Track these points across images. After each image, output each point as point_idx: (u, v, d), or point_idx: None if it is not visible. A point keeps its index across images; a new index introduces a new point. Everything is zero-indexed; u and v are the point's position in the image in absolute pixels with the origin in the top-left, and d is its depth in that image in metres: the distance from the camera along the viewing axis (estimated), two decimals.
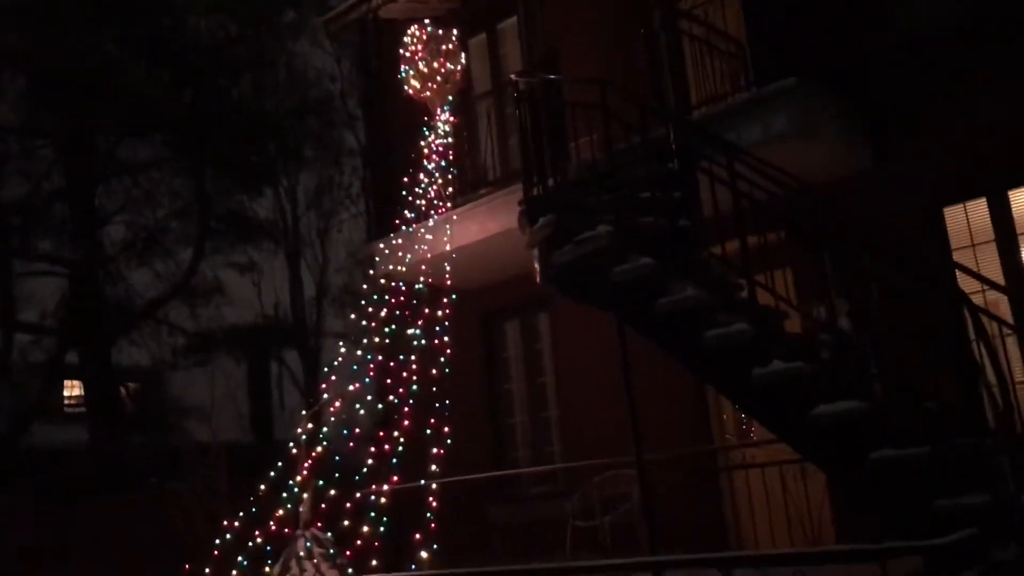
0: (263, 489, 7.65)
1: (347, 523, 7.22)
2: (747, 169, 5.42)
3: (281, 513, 7.41)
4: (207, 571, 7.17)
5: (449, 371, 8.28)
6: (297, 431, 7.98)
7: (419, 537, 7.12)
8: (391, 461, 7.58)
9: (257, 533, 7.33)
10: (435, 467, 7.52)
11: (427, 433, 7.84)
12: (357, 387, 8.06)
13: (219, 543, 7.36)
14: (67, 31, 16.82)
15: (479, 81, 10.53)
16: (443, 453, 7.68)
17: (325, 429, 7.99)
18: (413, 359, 8.14)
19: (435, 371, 8.18)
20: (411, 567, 6.97)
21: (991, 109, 6.85)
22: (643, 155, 6.20)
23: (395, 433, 7.66)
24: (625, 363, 5.62)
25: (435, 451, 7.64)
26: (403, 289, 8.89)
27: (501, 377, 10.30)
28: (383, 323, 8.48)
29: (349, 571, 6.96)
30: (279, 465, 7.81)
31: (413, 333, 8.36)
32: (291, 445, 7.98)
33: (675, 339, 5.34)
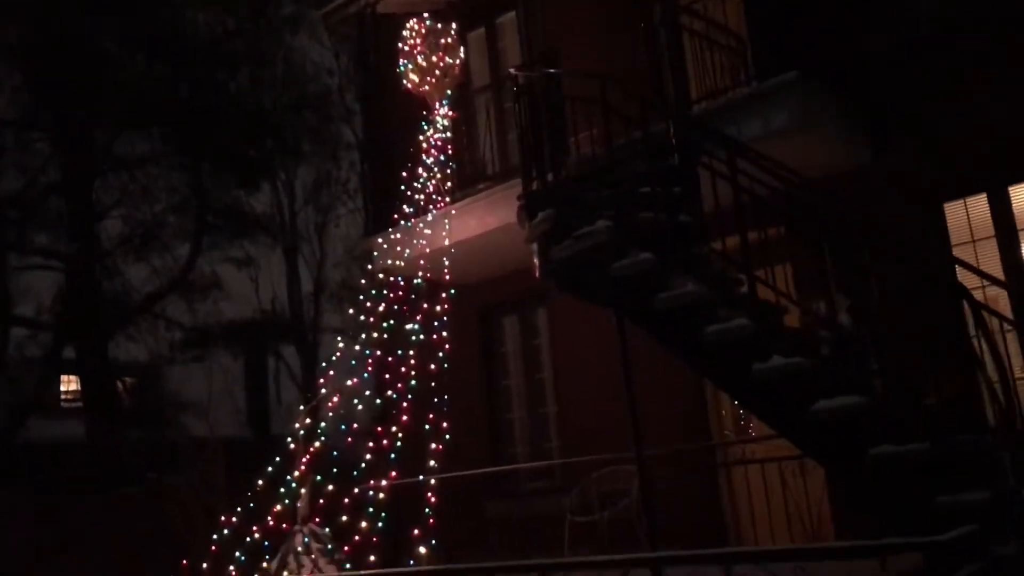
0: (261, 484, 7.63)
1: (345, 519, 7.20)
2: (747, 164, 5.40)
3: (279, 508, 7.39)
4: (205, 566, 7.15)
5: (447, 366, 8.26)
6: (295, 426, 7.95)
7: (417, 533, 7.10)
8: (389, 457, 7.56)
9: (255, 528, 7.31)
10: (433, 463, 7.50)
11: (425, 428, 7.82)
12: (355, 382, 8.04)
13: (217, 538, 7.34)
14: (64, 24, 16.75)
15: (478, 75, 10.49)
16: (441, 448, 7.66)
17: (323, 424, 7.96)
18: (411, 354, 8.12)
19: (433, 366, 8.16)
20: (409, 563, 6.95)
21: (991, 106, 6.84)
22: (643, 150, 6.16)
23: (393, 428, 7.64)
24: (625, 359, 5.60)
25: (433, 447, 7.61)
26: (401, 284, 8.86)
27: (499, 373, 10.28)
28: (381, 318, 8.45)
29: (347, 566, 6.94)
30: (277, 460, 7.79)
31: (411, 328, 8.33)
32: (289, 440, 7.96)
33: (675, 334, 5.32)
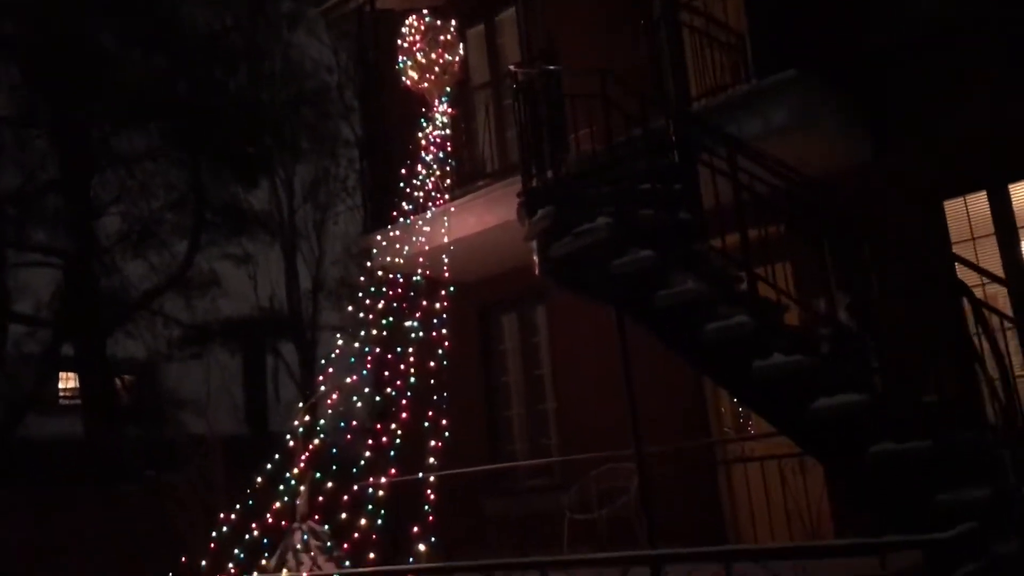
0: (259, 481, 7.62)
1: (344, 516, 7.19)
2: (748, 162, 5.39)
3: (278, 506, 7.38)
4: (203, 564, 7.14)
5: (446, 364, 8.25)
6: (294, 423, 7.94)
7: (416, 530, 7.09)
8: (388, 454, 7.55)
9: (253, 526, 7.30)
10: (432, 460, 7.49)
11: (424, 426, 7.81)
12: (354, 380, 8.03)
13: (215, 536, 7.33)
14: (63, 21, 16.71)
15: (477, 72, 10.47)
16: (440, 446, 7.65)
17: (322, 421, 7.95)
18: (410, 352, 8.11)
19: (432, 364, 8.15)
20: (408, 560, 6.94)
21: (991, 103, 6.83)
22: (643, 147, 6.16)
23: (392, 426, 7.63)
24: (624, 356, 5.59)
25: (432, 444, 7.60)
26: (400, 281, 8.84)
27: (498, 370, 10.27)
28: (380, 316, 8.44)
29: (346, 564, 6.93)
30: (276, 457, 7.78)
31: (410, 326, 8.32)
32: (288, 437, 7.95)
33: (675, 332, 5.31)
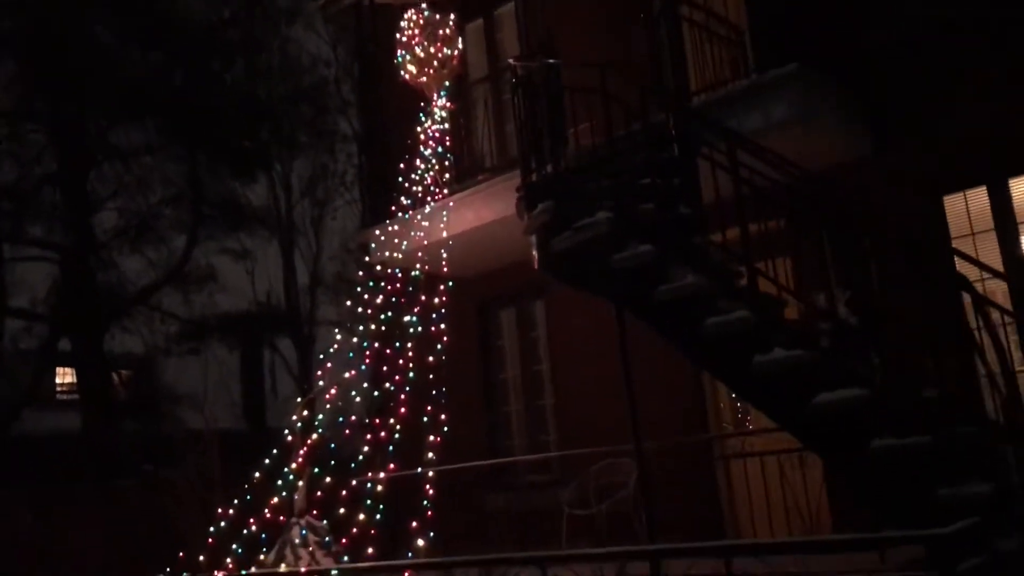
0: (257, 477, 7.60)
1: (343, 511, 7.18)
2: (747, 156, 5.37)
3: (276, 501, 7.37)
4: (201, 559, 7.12)
5: (445, 359, 8.23)
6: (292, 418, 7.93)
7: (415, 525, 7.08)
8: (387, 449, 7.54)
9: (252, 521, 7.29)
10: (431, 455, 7.47)
11: (423, 421, 7.80)
12: (353, 375, 8.01)
13: (213, 531, 7.31)
14: (59, 15, 16.64)
15: (476, 67, 10.44)
16: (440, 441, 7.64)
17: (320, 417, 7.93)
18: (409, 347, 8.09)
19: (431, 359, 8.13)
20: (407, 555, 6.93)
21: (991, 98, 6.81)
22: (643, 141, 6.15)
23: (391, 421, 7.61)
24: (624, 351, 5.59)
25: (431, 439, 7.59)
26: (399, 276, 8.82)
27: (497, 365, 10.26)
28: (378, 310, 8.42)
29: (344, 559, 6.92)
30: (273, 453, 7.76)
31: (409, 320, 8.30)
32: (286, 432, 7.93)
33: (675, 327, 5.30)
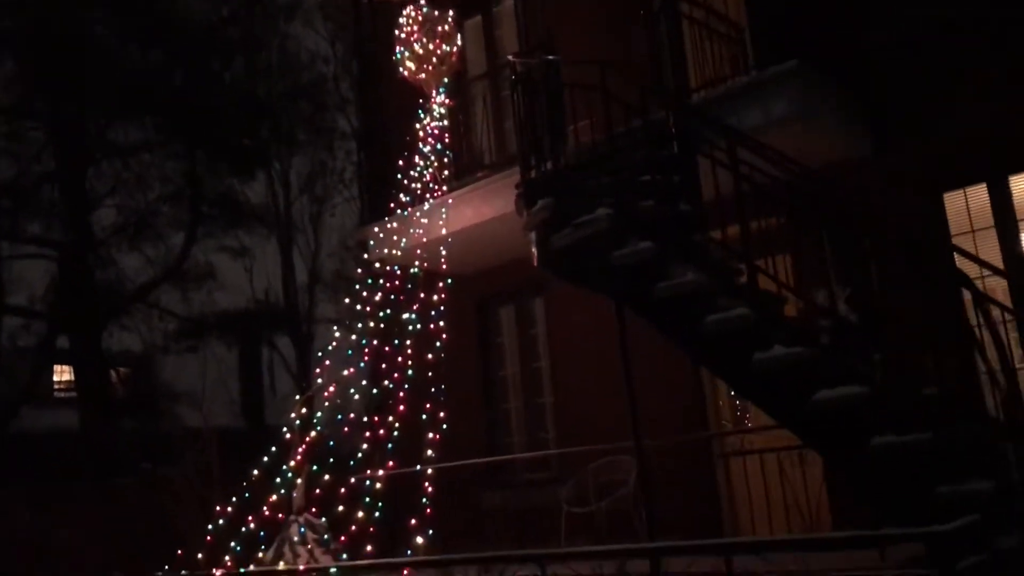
0: (256, 474, 7.58)
1: (341, 508, 7.16)
2: (747, 153, 5.36)
3: (274, 499, 7.35)
4: (200, 557, 7.10)
5: (444, 356, 8.22)
6: (291, 416, 7.91)
7: (414, 523, 7.06)
8: (386, 446, 7.52)
9: (250, 518, 7.27)
10: (430, 452, 7.46)
11: (422, 418, 7.78)
12: (351, 372, 7.99)
13: (212, 529, 7.30)
14: (58, 11, 16.59)
15: (475, 63, 10.42)
16: (438, 438, 7.62)
17: (319, 414, 7.92)
18: (408, 344, 8.07)
19: (430, 356, 8.12)
20: (406, 553, 6.91)
21: (991, 96, 6.80)
22: (642, 138, 6.13)
23: (390, 418, 7.60)
24: (624, 348, 5.57)
25: (430, 436, 7.58)
26: (398, 273, 8.81)
27: (496, 363, 10.25)
28: (377, 307, 8.40)
29: (343, 556, 6.90)
30: (272, 450, 7.74)
31: (408, 318, 8.29)
32: (284, 430, 7.91)
33: (675, 324, 5.29)
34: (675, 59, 8.06)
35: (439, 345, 8.22)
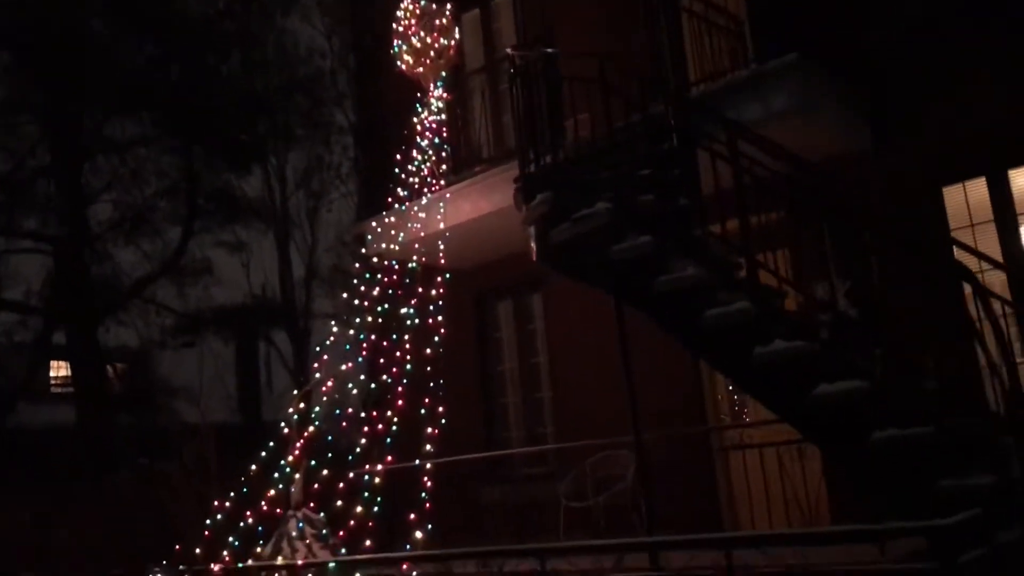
0: (254, 470, 7.56)
1: (340, 503, 7.15)
2: (747, 146, 5.34)
3: (272, 494, 7.33)
4: (198, 552, 7.09)
5: (442, 351, 8.20)
6: (289, 411, 7.89)
7: (413, 518, 7.05)
8: (384, 441, 7.51)
9: (248, 513, 7.25)
10: (429, 447, 7.45)
11: (421, 413, 7.77)
12: (350, 367, 7.97)
13: (209, 524, 7.28)
14: (54, 6, 16.51)
15: (472, 57, 10.38)
16: (437, 433, 7.61)
17: (317, 409, 7.90)
18: (406, 339, 8.05)
19: (428, 351, 8.10)
20: (405, 547, 6.90)
21: (991, 89, 6.79)
22: (642, 132, 6.11)
23: (388, 413, 7.58)
24: (623, 343, 5.56)
25: (429, 431, 7.56)
26: (395, 268, 8.78)
27: (494, 357, 10.23)
28: (375, 302, 8.38)
29: (342, 551, 6.89)
30: (270, 445, 7.73)
31: (406, 312, 8.27)
32: (282, 425, 7.89)
33: (675, 318, 5.27)
34: (674, 52, 8.03)
35: (437, 340, 8.20)
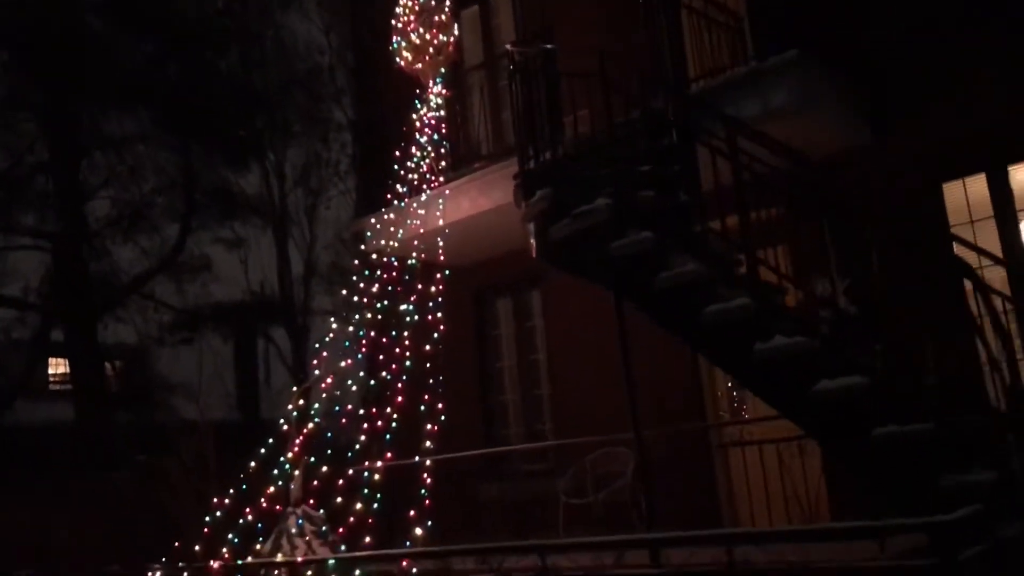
0: (253, 466, 7.55)
1: (340, 500, 7.14)
2: (747, 142, 5.33)
3: (271, 491, 7.32)
4: (197, 549, 7.08)
5: (441, 348, 8.19)
6: (288, 408, 7.88)
7: (412, 514, 7.04)
8: (383, 438, 7.50)
9: (247, 510, 7.24)
10: (428, 444, 7.44)
11: (420, 410, 7.76)
12: (349, 364, 7.96)
13: (209, 520, 7.27)
14: (52, 2, 16.47)
15: (471, 53, 10.36)
16: (436, 430, 7.60)
17: (316, 406, 7.89)
18: (405, 335, 8.04)
19: (428, 347, 8.09)
20: (405, 544, 6.90)
21: (991, 85, 6.77)
22: (642, 128, 6.10)
23: (387, 410, 7.57)
24: (623, 339, 5.55)
25: (428, 428, 7.56)
26: (394, 265, 8.77)
27: (493, 354, 10.22)
28: (374, 299, 8.37)
29: (341, 548, 6.88)
30: (269, 442, 7.72)
31: (405, 309, 8.25)
32: (281, 422, 7.88)
33: (675, 314, 5.27)
34: (674, 49, 7.99)
35: (436, 337, 8.19)
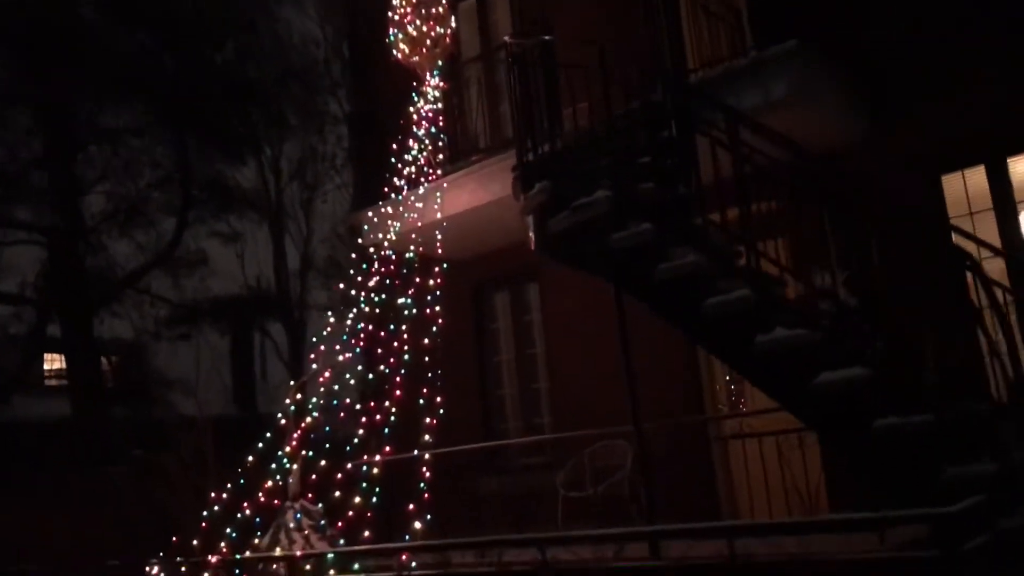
0: (251, 461, 7.53)
1: (338, 494, 7.13)
2: (747, 133, 5.31)
3: (269, 485, 7.31)
4: (195, 543, 7.07)
5: (440, 341, 8.16)
6: (285, 402, 7.85)
7: (411, 508, 7.03)
8: (382, 432, 7.47)
9: (245, 505, 7.23)
10: (427, 437, 7.42)
11: (418, 404, 7.74)
12: (347, 357, 7.93)
13: (207, 515, 7.26)
14: None
15: (468, 46, 10.31)
16: (435, 424, 7.58)
17: (314, 400, 7.87)
18: (403, 329, 8.02)
19: (426, 341, 8.06)
20: (403, 538, 6.88)
21: (990, 77, 6.76)
22: (641, 120, 6.07)
23: (386, 404, 7.55)
24: (623, 332, 5.54)
25: (427, 422, 7.53)
26: (392, 258, 8.74)
27: (491, 348, 10.20)
28: (371, 292, 8.34)
29: (340, 542, 6.87)
30: (267, 437, 7.69)
31: (403, 303, 8.23)
32: (279, 416, 7.86)
33: (675, 306, 5.25)
34: (673, 39, 7.97)
35: (435, 330, 8.16)
